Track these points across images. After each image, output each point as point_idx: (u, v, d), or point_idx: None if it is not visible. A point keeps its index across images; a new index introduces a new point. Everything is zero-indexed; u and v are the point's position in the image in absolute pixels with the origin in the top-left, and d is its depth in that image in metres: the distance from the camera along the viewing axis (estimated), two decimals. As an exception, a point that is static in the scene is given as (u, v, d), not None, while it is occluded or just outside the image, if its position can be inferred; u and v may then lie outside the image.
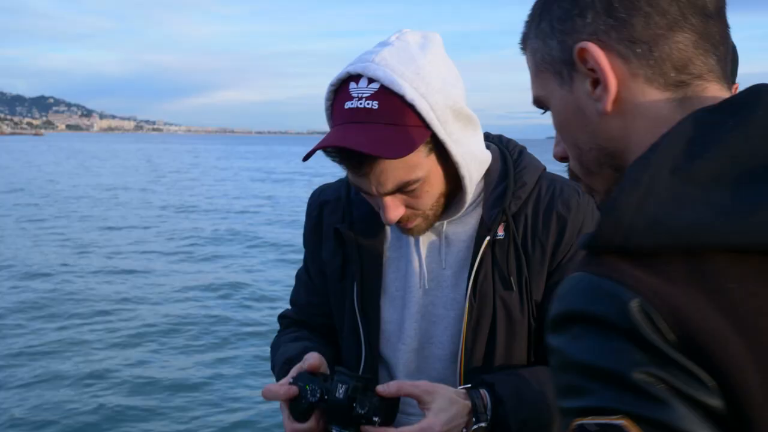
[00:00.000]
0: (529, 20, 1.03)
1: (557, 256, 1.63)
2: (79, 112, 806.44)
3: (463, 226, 1.68)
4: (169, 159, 65.08)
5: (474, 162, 1.58)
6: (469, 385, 1.57)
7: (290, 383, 1.58)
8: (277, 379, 1.72)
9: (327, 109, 1.54)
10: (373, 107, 1.44)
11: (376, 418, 1.49)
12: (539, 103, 1.05)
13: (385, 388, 1.51)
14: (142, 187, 32.58)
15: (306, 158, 1.52)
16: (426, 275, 1.68)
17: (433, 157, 1.51)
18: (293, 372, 1.60)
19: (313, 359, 1.60)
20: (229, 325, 9.58)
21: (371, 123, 1.44)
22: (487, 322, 1.62)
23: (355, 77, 1.48)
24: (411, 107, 1.44)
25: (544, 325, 1.31)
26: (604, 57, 0.91)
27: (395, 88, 1.43)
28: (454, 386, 1.59)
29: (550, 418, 1.57)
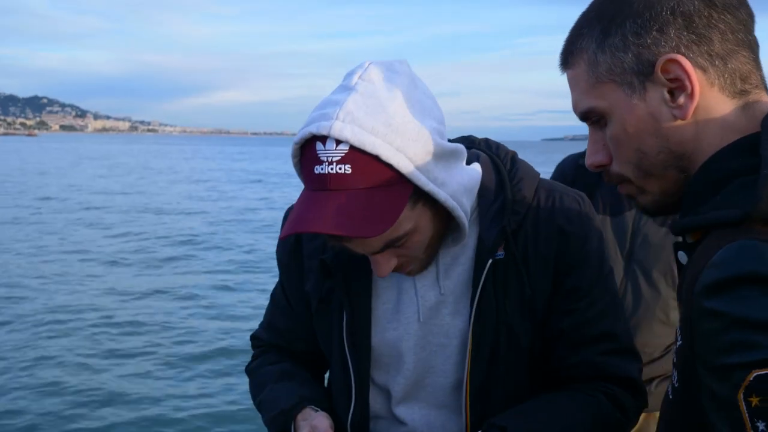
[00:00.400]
0: (582, 35, 1.14)
1: (561, 272, 1.55)
2: (74, 113, 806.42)
3: (461, 248, 1.58)
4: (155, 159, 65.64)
5: (465, 194, 1.48)
6: (481, 431, 1.49)
7: None
8: (270, 427, 1.68)
9: (295, 166, 1.43)
10: (346, 172, 1.32)
11: None
12: (593, 113, 1.14)
13: None
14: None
15: (282, 238, 1.50)
16: (423, 304, 1.60)
17: (419, 207, 1.42)
18: None
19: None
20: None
21: (344, 190, 1.33)
22: (491, 348, 1.55)
23: (321, 138, 1.34)
24: (388, 165, 1.33)
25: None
26: (691, 68, 1.04)
27: (367, 149, 1.31)
28: (459, 415, 1.57)
29: None
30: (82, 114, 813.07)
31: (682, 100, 1.06)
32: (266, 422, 1.71)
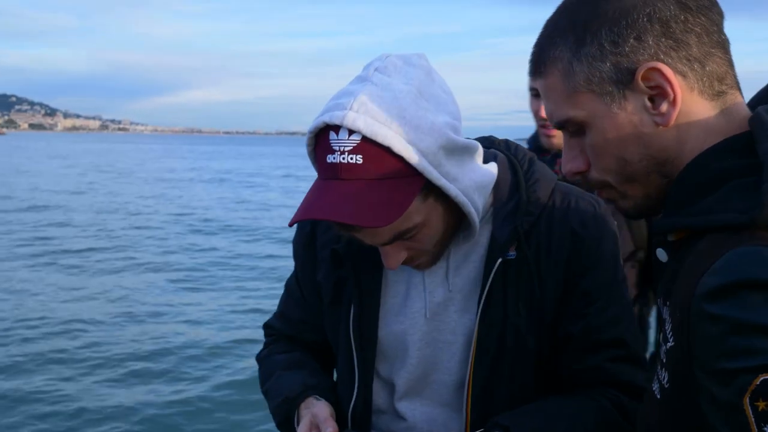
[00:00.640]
0: (555, 43, 1.13)
1: (573, 275, 1.55)
2: (43, 111, 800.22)
3: (473, 246, 1.58)
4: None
5: (477, 191, 1.49)
6: (484, 429, 1.49)
7: None
8: (275, 416, 1.71)
9: (310, 155, 1.46)
10: (357, 162, 1.34)
11: None
12: (570, 123, 1.14)
13: None
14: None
15: (291, 224, 1.44)
16: (431, 300, 1.60)
17: (430, 200, 1.43)
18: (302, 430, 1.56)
19: (322, 420, 1.55)
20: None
21: (355, 180, 1.35)
22: (496, 348, 1.55)
23: (334, 127, 1.36)
24: (399, 157, 1.34)
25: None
26: (673, 75, 1.05)
27: (379, 140, 1.33)
28: (460, 414, 1.58)
29: None
30: (51, 112, 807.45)
31: (664, 107, 1.07)
32: (271, 410, 1.73)
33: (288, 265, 2.26)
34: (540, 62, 1.16)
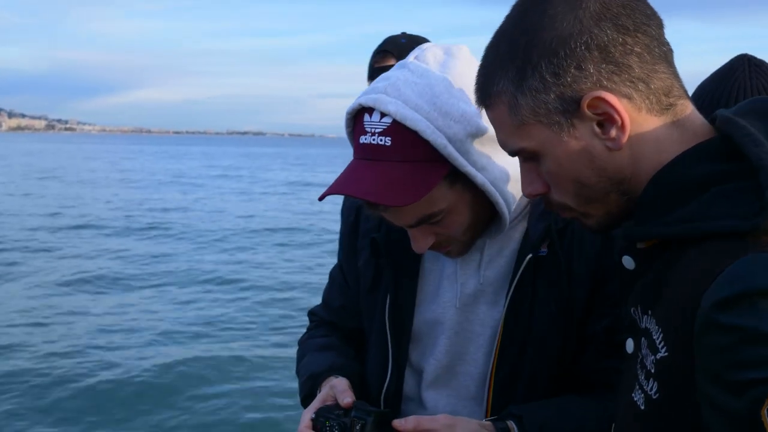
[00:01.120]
0: (497, 76, 1.12)
1: (601, 276, 1.56)
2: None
3: (507, 241, 1.62)
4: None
5: (508, 182, 1.50)
6: (496, 417, 1.52)
7: (312, 419, 1.57)
8: (300, 392, 1.78)
9: (348, 136, 1.51)
10: (386, 144, 1.40)
11: None
12: (523, 152, 1.16)
13: (402, 424, 1.46)
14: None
15: (321, 198, 1.52)
16: (462, 291, 1.63)
17: (457, 188, 1.46)
18: (316, 403, 1.60)
19: (340, 390, 1.59)
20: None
21: (383, 161, 1.41)
22: (520, 343, 1.58)
23: (368, 109, 1.43)
24: (426, 142, 1.39)
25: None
26: (618, 101, 1.05)
27: (408, 124, 1.38)
28: (482, 408, 1.59)
29: None
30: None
31: (613, 133, 1.08)
32: (299, 388, 1.80)
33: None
34: (485, 95, 1.16)
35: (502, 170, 1.49)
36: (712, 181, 1.02)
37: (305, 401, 1.72)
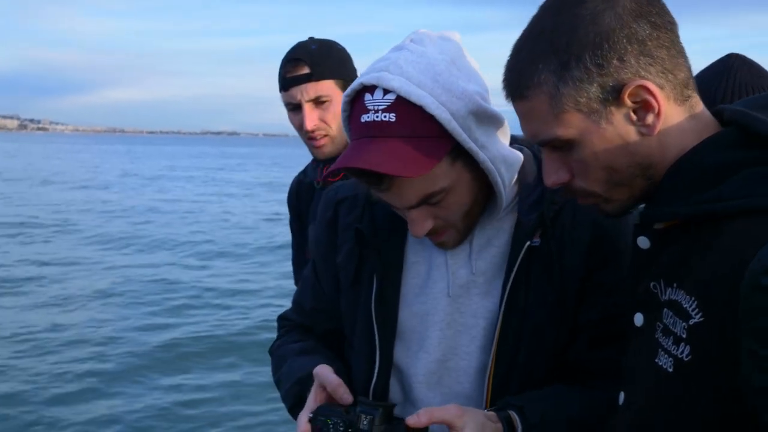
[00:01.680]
0: (538, 69, 1.20)
1: (593, 265, 1.57)
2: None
3: (495, 231, 1.62)
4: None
5: (503, 164, 1.51)
6: (496, 407, 1.50)
7: (310, 419, 1.50)
8: (286, 400, 1.71)
9: (344, 121, 1.52)
10: (390, 120, 1.40)
11: None
12: (557, 141, 1.23)
13: (416, 419, 1.41)
14: None
15: (324, 178, 1.73)
16: (453, 281, 1.61)
17: (458, 166, 1.46)
18: (310, 404, 1.53)
19: (336, 385, 1.52)
20: None
21: (388, 137, 1.40)
22: (517, 334, 1.56)
23: (370, 88, 1.44)
24: (430, 118, 1.40)
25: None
26: (657, 90, 1.17)
27: (413, 99, 1.39)
28: (478, 401, 1.57)
29: None
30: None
31: (650, 119, 1.19)
32: (283, 396, 1.74)
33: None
34: (522, 86, 1.23)
35: (499, 151, 1.50)
36: (742, 165, 1.13)
37: (294, 410, 1.65)
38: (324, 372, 1.55)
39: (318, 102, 2.56)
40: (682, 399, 1.14)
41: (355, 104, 1.48)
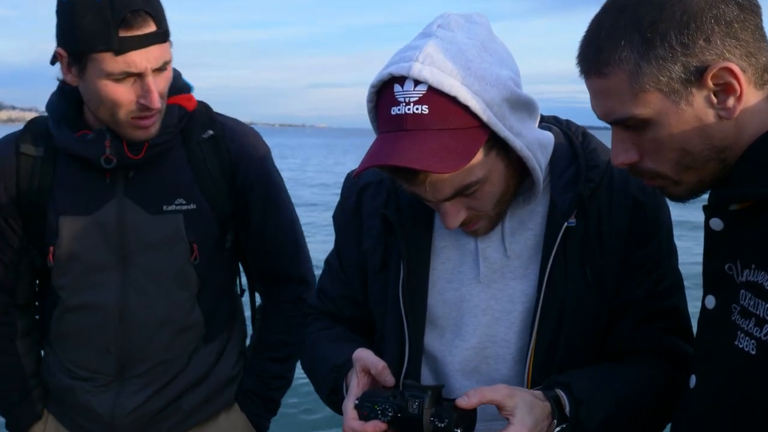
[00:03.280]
0: (620, 45, 1.16)
1: (634, 243, 1.52)
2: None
3: (528, 213, 1.56)
4: None
5: (539, 149, 1.47)
6: (542, 386, 1.45)
7: (355, 405, 1.44)
8: (322, 388, 1.65)
9: (370, 111, 1.45)
10: (423, 112, 1.34)
11: (457, 430, 1.37)
12: (633, 120, 1.20)
13: (466, 400, 1.36)
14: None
15: (357, 174, 1.45)
16: (485, 266, 1.56)
17: (493, 155, 1.41)
18: (354, 390, 1.46)
19: (373, 364, 1.47)
20: None
21: (422, 130, 1.34)
22: (557, 318, 1.50)
23: (399, 79, 1.36)
24: (464, 108, 1.34)
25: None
26: (741, 73, 1.13)
27: (446, 90, 1.33)
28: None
29: (628, 417, 1.48)
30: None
31: (730, 102, 1.16)
32: (316, 384, 1.69)
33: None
34: (601, 63, 1.20)
35: (534, 136, 1.46)
36: None
37: (330, 398, 1.63)
38: (366, 355, 1.50)
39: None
40: (765, 381, 1.12)
41: (382, 95, 1.41)
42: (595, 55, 1.20)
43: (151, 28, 1.83)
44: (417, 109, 1.34)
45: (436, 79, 1.33)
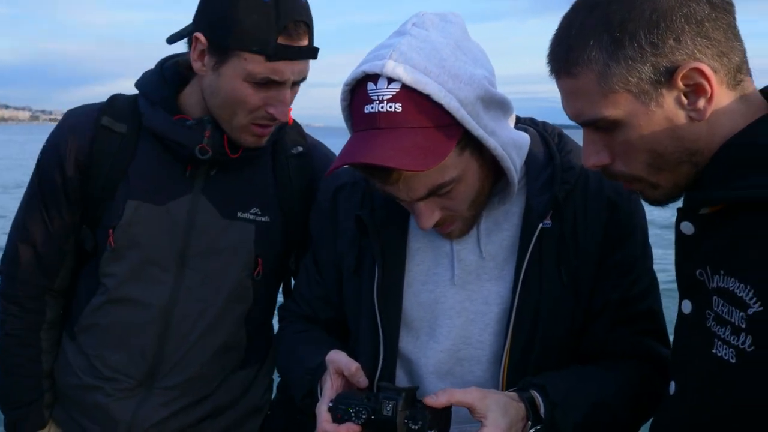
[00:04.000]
0: (588, 45, 1.14)
1: (609, 245, 1.52)
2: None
3: (503, 214, 1.56)
4: None
5: (514, 149, 1.46)
6: (517, 388, 1.44)
7: (329, 408, 1.42)
8: (297, 390, 1.62)
9: (344, 110, 1.45)
10: (397, 110, 1.34)
11: None
12: (603, 121, 1.18)
13: (434, 399, 1.36)
14: None
15: (330, 173, 1.47)
16: (460, 267, 1.55)
17: (467, 154, 1.41)
18: (328, 392, 1.45)
19: (347, 366, 1.46)
20: None
21: (395, 128, 1.34)
22: (533, 319, 1.49)
23: (373, 76, 1.36)
24: (438, 106, 1.33)
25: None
26: (712, 73, 1.11)
27: (419, 87, 1.33)
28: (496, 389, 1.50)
29: (603, 420, 1.46)
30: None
31: (701, 104, 1.13)
32: (293, 386, 1.67)
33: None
34: (570, 63, 1.18)
35: (509, 135, 1.46)
36: None
37: (304, 400, 1.61)
38: (339, 357, 1.49)
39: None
40: (747, 389, 1.10)
41: (356, 93, 1.41)
42: (565, 55, 1.19)
43: (306, 42, 1.82)
44: (390, 107, 1.34)
45: (410, 77, 1.33)
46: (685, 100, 1.14)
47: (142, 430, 1.96)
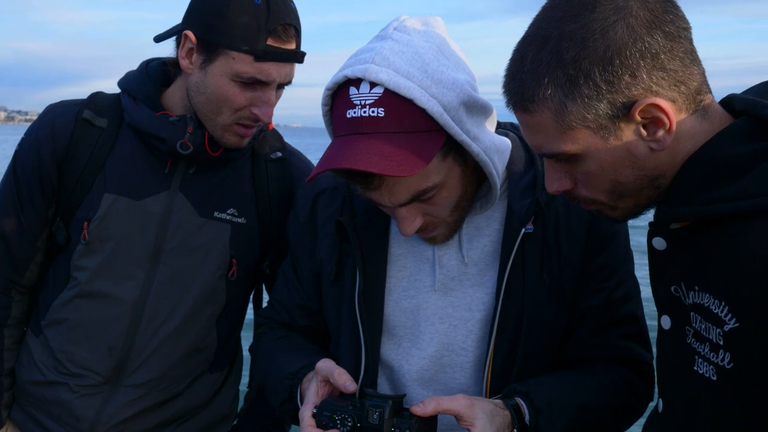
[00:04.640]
0: (543, 83, 1.12)
1: (591, 250, 1.52)
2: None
3: (485, 220, 1.54)
4: None
5: (496, 154, 1.45)
6: (502, 395, 1.44)
7: (314, 414, 1.40)
8: (274, 396, 1.60)
9: (325, 115, 1.44)
10: (379, 115, 1.32)
11: None
12: (563, 156, 1.18)
13: (421, 408, 1.35)
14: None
15: (311, 179, 1.44)
16: (443, 273, 1.54)
17: (450, 159, 1.40)
18: (312, 398, 1.42)
19: (334, 372, 1.43)
20: None
21: (378, 134, 1.32)
22: (516, 324, 1.48)
23: (355, 81, 1.34)
24: (421, 111, 1.32)
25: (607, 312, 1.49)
26: (669, 106, 1.10)
27: (402, 92, 1.32)
28: (477, 396, 1.48)
29: (588, 426, 1.46)
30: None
31: (660, 134, 1.13)
32: (270, 392, 1.64)
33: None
34: (525, 99, 1.17)
35: (491, 140, 1.44)
36: (759, 158, 1.07)
37: (283, 406, 1.59)
38: (329, 365, 1.47)
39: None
40: (731, 406, 1.09)
41: (338, 98, 1.39)
42: (520, 91, 1.17)
43: (294, 45, 1.85)
44: (373, 111, 1.33)
45: (393, 82, 1.32)
46: (644, 132, 1.13)
47: (106, 428, 1.94)
